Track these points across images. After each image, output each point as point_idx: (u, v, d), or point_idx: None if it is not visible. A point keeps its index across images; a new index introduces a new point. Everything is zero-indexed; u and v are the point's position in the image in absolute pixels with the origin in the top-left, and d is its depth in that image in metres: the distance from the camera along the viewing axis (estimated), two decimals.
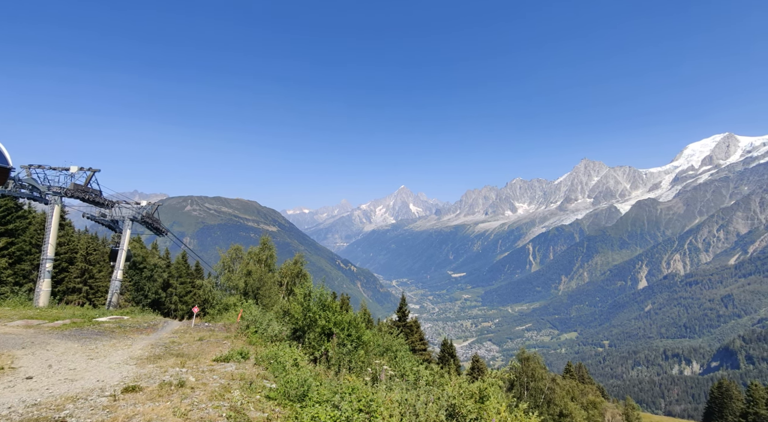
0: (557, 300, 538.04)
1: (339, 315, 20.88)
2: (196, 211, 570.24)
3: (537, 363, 44.70)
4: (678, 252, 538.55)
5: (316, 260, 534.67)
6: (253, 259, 46.30)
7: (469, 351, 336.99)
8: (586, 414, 41.75)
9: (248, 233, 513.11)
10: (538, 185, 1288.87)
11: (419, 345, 54.98)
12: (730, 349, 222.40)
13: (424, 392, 10.80)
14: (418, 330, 57.11)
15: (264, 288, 43.28)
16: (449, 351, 60.52)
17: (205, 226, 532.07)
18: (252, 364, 12.60)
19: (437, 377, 15.52)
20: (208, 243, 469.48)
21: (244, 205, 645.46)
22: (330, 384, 10.14)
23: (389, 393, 10.58)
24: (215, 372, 10.97)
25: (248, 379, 9.98)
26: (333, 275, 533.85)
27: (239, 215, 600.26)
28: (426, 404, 9.34)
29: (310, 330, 20.35)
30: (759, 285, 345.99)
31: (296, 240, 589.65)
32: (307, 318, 20.51)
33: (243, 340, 17.99)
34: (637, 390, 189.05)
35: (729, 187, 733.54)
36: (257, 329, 20.24)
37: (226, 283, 43.56)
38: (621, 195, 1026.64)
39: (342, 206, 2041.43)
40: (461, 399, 8.87)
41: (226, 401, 8.16)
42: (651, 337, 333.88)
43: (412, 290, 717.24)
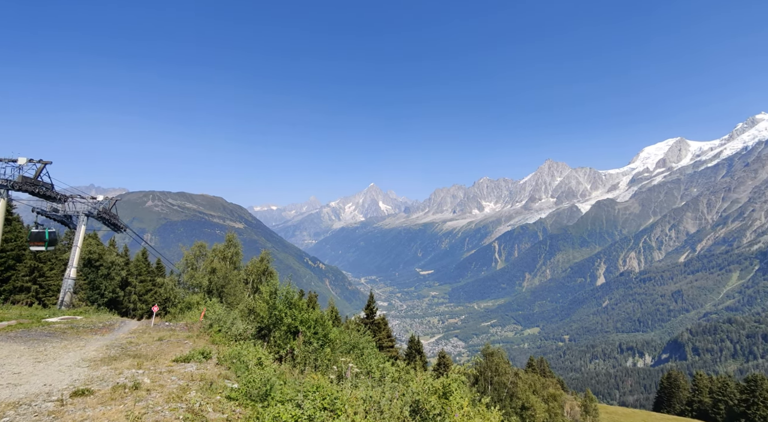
0: (521, 296, 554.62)
1: (305, 313, 20.66)
2: (158, 206, 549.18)
3: (501, 358, 45.86)
4: (633, 250, 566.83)
5: (283, 257, 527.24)
6: (218, 257, 45.10)
7: (436, 348, 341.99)
8: (547, 406, 43.25)
9: (213, 230, 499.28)
10: (505, 184, 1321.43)
11: (386, 342, 55.22)
12: (679, 342, 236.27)
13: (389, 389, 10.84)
14: (385, 328, 57.33)
15: (229, 287, 42.25)
16: (416, 348, 61.11)
17: (168, 223, 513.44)
18: (214, 364, 12.25)
19: (403, 373, 15.64)
20: (170, 240, 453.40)
21: (210, 201, 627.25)
22: (294, 382, 10.00)
23: (355, 390, 10.55)
24: (174, 373, 10.58)
25: (209, 380, 9.69)
26: (301, 273, 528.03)
27: (204, 211, 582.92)
28: (391, 400, 9.37)
29: (275, 329, 20.03)
30: (705, 281, 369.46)
31: (263, 238, 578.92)
32: (272, 316, 20.18)
33: (205, 340, 17.49)
34: (594, 382, 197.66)
35: (680, 188, 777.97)
36: (221, 328, 19.72)
37: (189, 281, 42.24)
38: (582, 195, 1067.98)
39: (311, 203, 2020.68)
40: (425, 395, 8.96)
41: (184, 403, 7.88)
42: (608, 331, 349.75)
43: (381, 287, 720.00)
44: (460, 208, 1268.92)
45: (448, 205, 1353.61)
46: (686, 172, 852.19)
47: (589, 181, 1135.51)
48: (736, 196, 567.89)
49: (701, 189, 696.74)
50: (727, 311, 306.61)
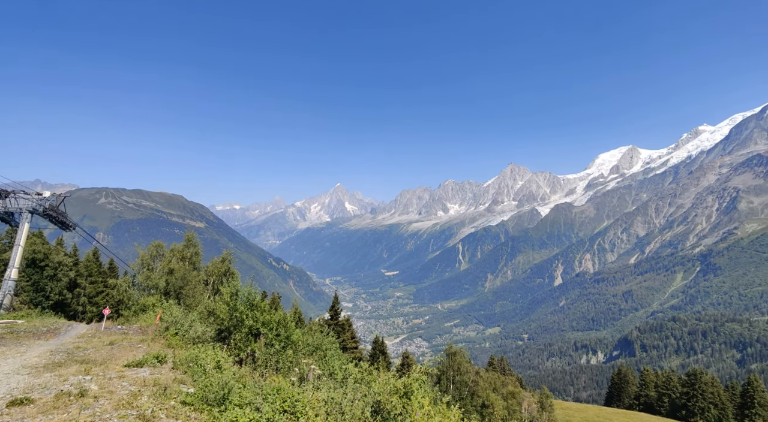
0: (483, 297, 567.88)
1: (268, 315, 20.29)
2: (112, 204, 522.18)
3: (463, 357, 46.75)
4: (589, 252, 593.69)
5: (246, 258, 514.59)
6: (177, 257, 43.43)
7: (400, 348, 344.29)
8: (506, 403, 44.50)
9: (172, 229, 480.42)
10: (469, 187, 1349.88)
11: (350, 344, 55.06)
12: (629, 339, 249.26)
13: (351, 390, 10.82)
14: (349, 329, 57.15)
15: (188, 288, 40.80)
16: (380, 349, 61.29)
17: (123, 221, 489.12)
18: (169, 368, 11.78)
19: (366, 374, 15.63)
20: (125, 239, 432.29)
21: (168, 199, 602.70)
22: (254, 385, 9.77)
23: (316, 392, 10.45)
24: (125, 378, 10.08)
25: (163, 384, 9.30)
26: (264, 274, 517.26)
27: (162, 210, 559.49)
28: (353, 401, 9.36)
29: (236, 331, 19.55)
30: (653, 281, 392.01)
31: (225, 238, 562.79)
32: (233, 318, 19.69)
33: (161, 343, 16.80)
34: (551, 379, 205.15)
35: (631, 194, 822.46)
36: (178, 331, 19.01)
37: (145, 283, 40.45)
38: (542, 198, 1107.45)
39: (275, 203, 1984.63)
40: (387, 395, 9.00)
41: (135, 409, 7.53)
42: (564, 330, 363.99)
43: (346, 288, 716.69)
44: (425, 209, 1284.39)
45: (414, 206, 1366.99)
46: (637, 179, 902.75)
47: (548, 185, 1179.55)
48: (681, 201, 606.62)
49: (650, 194, 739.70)
50: (671, 310, 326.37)
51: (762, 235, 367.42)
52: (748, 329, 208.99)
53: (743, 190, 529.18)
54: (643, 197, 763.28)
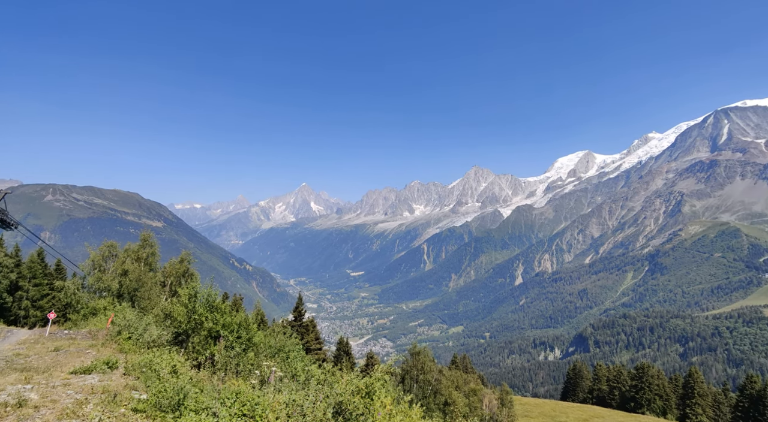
0: (447, 296, 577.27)
1: (228, 317, 19.77)
2: (60, 201, 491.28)
3: (426, 356, 47.30)
4: (547, 252, 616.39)
5: (207, 258, 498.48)
6: (131, 257, 41.42)
7: (365, 348, 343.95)
8: (468, 401, 45.41)
9: (127, 228, 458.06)
10: (434, 188, 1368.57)
11: (314, 345, 54.48)
12: (583, 336, 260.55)
13: (314, 391, 10.71)
14: (314, 330, 56.55)
15: (143, 290, 39.00)
16: (344, 349, 61.00)
17: (72, 220, 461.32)
18: (121, 374, 11.23)
19: (329, 375, 15.51)
20: (74, 239, 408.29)
21: (123, 197, 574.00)
22: (212, 390, 9.49)
23: (278, 395, 10.28)
24: (71, 386, 9.51)
25: (113, 391, 8.85)
26: (226, 274, 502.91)
27: (116, 208, 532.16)
28: (314, 403, 9.27)
29: (194, 334, 18.92)
30: (606, 280, 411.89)
31: (185, 237, 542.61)
32: (191, 320, 19.05)
33: (112, 348, 15.98)
34: (511, 376, 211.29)
35: (587, 196, 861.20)
36: (131, 335, 18.16)
37: (96, 285, 38.29)
38: (504, 200, 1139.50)
39: (238, 202, 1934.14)
40: (349, 396, 8.98)
41: (80, 418, 7.12)
42: (524, 328, 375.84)
43: (311, 289, 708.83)
44: (391, 210, 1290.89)
45: (380, 206, 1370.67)
46: (592, 182, 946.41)
47: (510, 187, 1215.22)
48: (632, 204, 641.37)
49: (604, 197, 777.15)
50: (622, 307, 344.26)
51: (703, 237, 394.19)
52: (690, 324, 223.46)
53: (687, 194, 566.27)
54: (597, 200, 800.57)
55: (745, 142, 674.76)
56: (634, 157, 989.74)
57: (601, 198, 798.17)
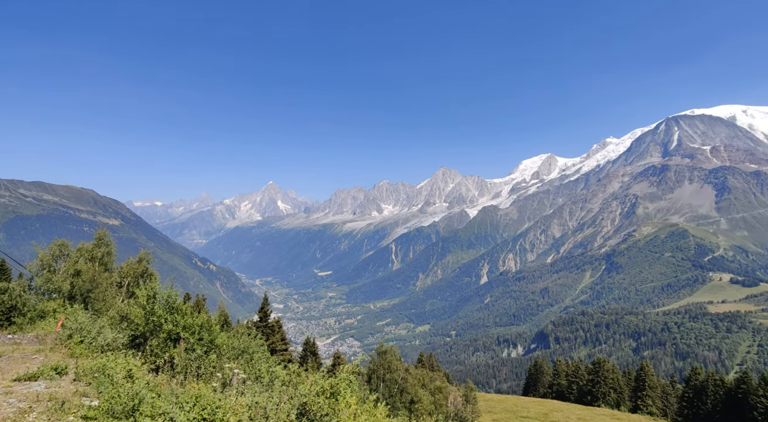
0: (415, 296, 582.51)
1: (190, 318, 19.15)
2: (5, 197, 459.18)
3: (393, 355, 47.55)
4: (512, 252, 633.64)
5: (168, 258, 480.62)
6: (85, 257, 39.31)
7: (332, 348, 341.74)
8: (433, 398, 46.01)
9: (81, 227, 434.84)
10: (403, 188, 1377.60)
11: (280, 346, 53.63)
12: (544, 333, 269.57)
13: (278, 393, 10.53)
14: (280, 330, 55.65)
15: (97, 291, 37.07)
16: (311, 350, 60.41)
17: (18, 217, 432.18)
18: (71, 380, 10.63)
19: (294, 376, 15.29)
20: (21, 237, 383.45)
21: (77, 194, 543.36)
22: (171, 394, 9.14)
23: (240, 397, 10.04)
24: (13, 394, 8.90)
25: (60, 399, 8.36)
26: (188, 275, 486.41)
27: (69, 205, 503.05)
28: (278, 405, 9.12)
29: (153, 336, 18.21)
30: (566, 279, 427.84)
31: (144, 236, 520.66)
32: (150, 322, 18.32)
33: (62, 353, 15.12)
34: (475, 373, 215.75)
35: (549, 198, 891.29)
36: (83, 338, 17.23)
37: (45, 286, 36.03)
38: (470, 201, 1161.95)
39: (202, 200, 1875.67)
40: (313, 397, 8.89)
41: None
42: (488, 326, 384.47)
43: (277, 289, 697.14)
44: (360, 209, 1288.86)
45: (348, 206, 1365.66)
46: (554, 184, 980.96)
47: (477, 188, 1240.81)
48: (591, 206, 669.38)
49: (565, 199, 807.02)
50: (581, 305, 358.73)
51: (654, 237, 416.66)
52: (642, 320, 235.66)
53: (641, 197, 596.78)
54: (559, 201, 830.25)
55: (693, 148, 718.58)
56: (593, 160, 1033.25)
57: (562, 199, 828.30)
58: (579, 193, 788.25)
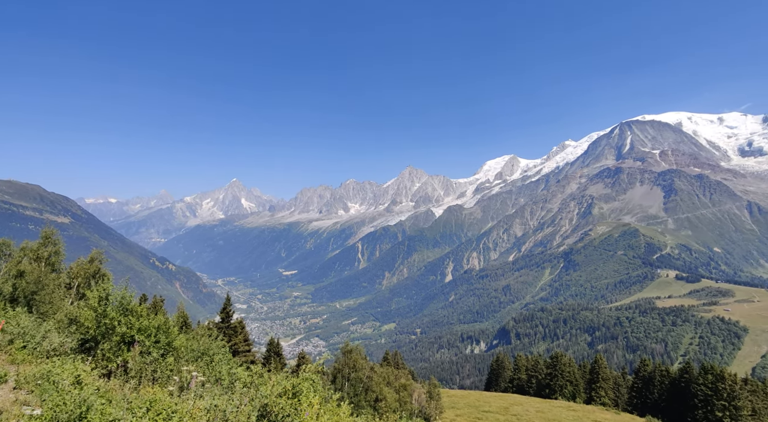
0: (381, 294, 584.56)
1: (146, 320, 18.41)
2: None
3: (359, 354, 47.48)
4: (476, 250, 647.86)
5: (123, 258, 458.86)
6: (29, 257, 36.87)
7: (297, 349, 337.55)
8: (398, 396, 46.35)
9: (26, 224, 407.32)
10: (369, 187, 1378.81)
11: (243, 347, 52.37)
12: (506, 329, 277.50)
13: (239, 395, 10.29)
14: (242, 331, 54.32)
15: (43, 293, 34.80)
16: (275, 350, 59.33)
17: None
18: (10, 389, 9.94)
19: (256, 378, 14.97)
20: None
21: (21, 189, 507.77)
22: (123, 400, 8.73)
23: (198, 401, 9.73)
24: None
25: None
26: (145, 275, 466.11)
27: (12, 201, 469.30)
28: (238, 407, 8.91)
29: (105, 340, 17.35)
30: (527, 277, 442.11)
31: (97, 235, 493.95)
32: (102, 325, 17.46)
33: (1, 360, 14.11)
34: (440, 369, 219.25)
35: (512, 198, 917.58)
36: (26, 343, 16.17)
37: None
38: (436, 200, 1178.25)
39: (161, 197, 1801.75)
40: (275, 398, 8.74)
41: None
42: (453, 323, 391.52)
43: (240, 289, 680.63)
44: (326, 208, 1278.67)
45: (314, 204, 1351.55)
46: (517, 185, 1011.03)
47: (442, 188, 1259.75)
48: (551, 206, 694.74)
49: (527, 199, 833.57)
50: (541, 301, 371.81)
51: (608, 237, 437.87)
52: (597, 316, 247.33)
53: (596, 198, 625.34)
54: (521, 201, 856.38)
55: (643, 152, 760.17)
56: (553, 162, 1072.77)
57: (524, 199, 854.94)
58: (539, 194, 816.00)
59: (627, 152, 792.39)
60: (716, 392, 56.30)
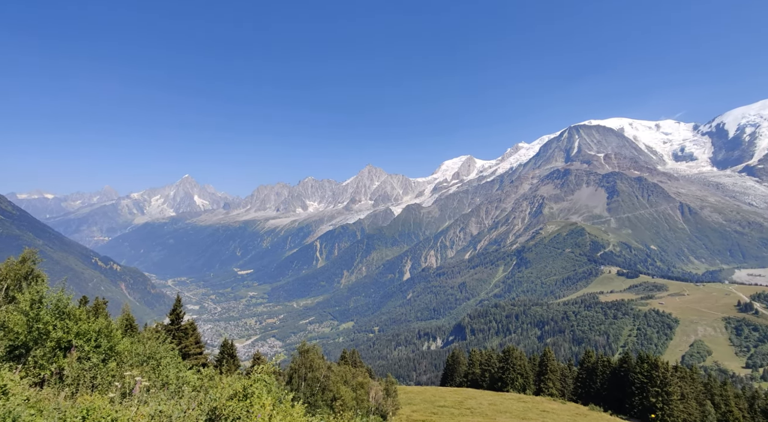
0: (339, 293, 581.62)
1: (85, 324, 17.32)
2: None
3: (316, 354, 46.97)
4: (433, 248, 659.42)
5: (61, 258, 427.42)
6: None
7: (252, 350, 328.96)
8: (355, 394, 46.33)
9: None
10: (328, 185, 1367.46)
11: (194, 349, 50.32)
12: (461, 325, 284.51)
13: (187, 399, 9.89)
14: (194, 333, 52.17)
15: None
16: (229, 352, 57.47)
17: None
18: None
19: (206, 381, 14.43)
20: None
21: None
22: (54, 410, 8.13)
23: (142, 407, 9.25)
24: None
25: None
26: (86, 276, 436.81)
27: None
28: (185, 412, 8.55)
29: (38, 346, 16.14)
30: (482, 274, 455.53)
31: (31, 233, 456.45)
32: (34, 330, 16.23)
33: None
34: (397, 367, 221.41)
35: (468, 198, 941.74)
36: None
37: None
38: (395, 199, 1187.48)
39: (105, 193, 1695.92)
40: (225, 401, 8.48)
41: None
42: (410, 321, 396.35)
43: (192, 290, 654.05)
44: (284, 206, 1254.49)
45: (272, 202, 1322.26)
46: (473, 185, 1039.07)
47: (401, 186, 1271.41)
48: (504, 205, 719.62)
49: (482, 199, 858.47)
50: (494, 298, 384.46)
51: (557, 235, 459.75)
52: (546, 311, 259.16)
53: (547, 198, 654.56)
54: (477, 201, 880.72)
55: (590, 155, 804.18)
56: (507, 163, 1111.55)
57: (480, 199, 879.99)
58: (494, 194, 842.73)
59: (575, 155, 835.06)
60: (651, 379, 60.69)
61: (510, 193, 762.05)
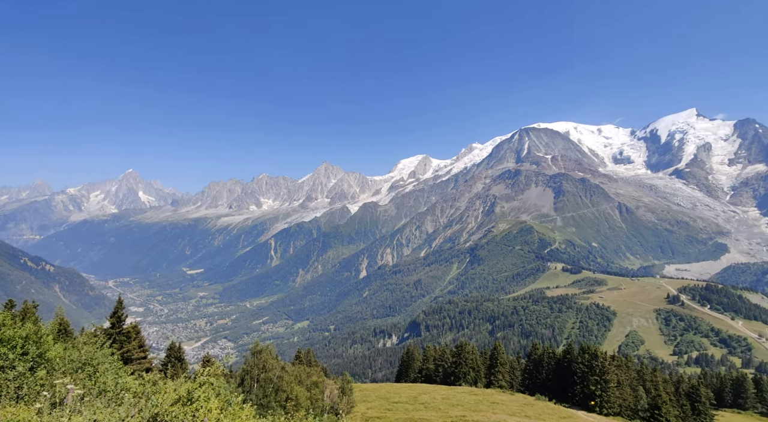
0: (294, 292, 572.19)
1: (9, 330, 15.90)
2: None
3: (269, 354, 45.87)
4: (389, 246, 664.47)
5: None
6: None
7: (202, 352, 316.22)
8: (309, 394, 45.76)
9: None
10: (284, 183, 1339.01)
11: (137, 354, 47.60)
12: (416, 322, 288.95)
13: (126, 407, 9.30)
14: (137, 337, 49.32)
15: None
16: (176, 355, 54.90)
17: None
18: None
19: (149, 386, 13.63)
20: None
21: None
22: None
23: (75, 416, 8.61)
24: None
25: None
26: (14, 277, 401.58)
27: None
28: (123, 420, 8.05)
29: None
30: (437, 271, 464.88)
31: None
32: None
33: None
34: (353, 365, 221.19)
35: (424, 196, 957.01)
36: None
37: None
38: (352, 197, 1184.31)
39: (36, 188, 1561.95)
40: (167, 407, 8.06)
41: None
42: (366, 319, 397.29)
43: (136, 291, 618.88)
44: (237, 203, 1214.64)
45: (224, 199, 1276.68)
46: (429, 183, 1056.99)
47: (358, 184, 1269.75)
48: (459, 204, 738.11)
49: (437, 197, 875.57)
50: (448, 294, 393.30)
51: (508, 233, 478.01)
52: (497, 306, 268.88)
53: (499, 197, 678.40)
54: (432, 199, 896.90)
55: (539, 156, 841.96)
56: (462, 163, 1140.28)
57: (435, 198, 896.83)
58: (449, 192, 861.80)
59: (525, 156, 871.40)
60: (591, 369, 64.66)
61: (464, 192, 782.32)
